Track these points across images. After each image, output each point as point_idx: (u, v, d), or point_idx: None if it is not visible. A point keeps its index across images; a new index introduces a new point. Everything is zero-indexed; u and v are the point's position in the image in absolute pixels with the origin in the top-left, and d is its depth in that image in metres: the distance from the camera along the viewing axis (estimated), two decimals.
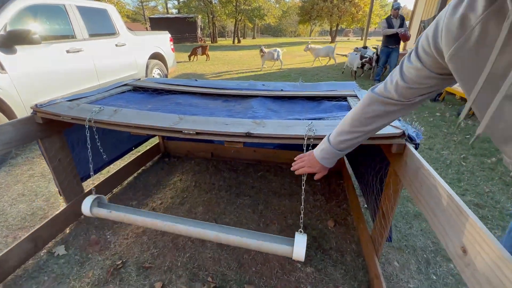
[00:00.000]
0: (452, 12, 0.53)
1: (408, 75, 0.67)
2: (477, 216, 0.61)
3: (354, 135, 0.85)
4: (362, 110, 0.81)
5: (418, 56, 0.63)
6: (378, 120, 0.80)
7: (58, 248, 1.52)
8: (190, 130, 1.17)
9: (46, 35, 2.88)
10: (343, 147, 0.89)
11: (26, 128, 1.36)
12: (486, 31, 0.48)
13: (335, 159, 0.95)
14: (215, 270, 1.41)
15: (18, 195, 2.04)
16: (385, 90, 0.75)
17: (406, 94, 0.70)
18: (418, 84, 0.66)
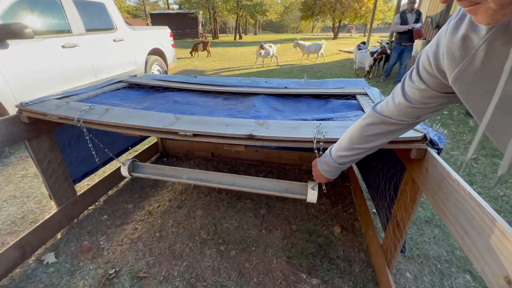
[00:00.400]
0: (452, 32, 0.50)
1: (411, 95, 0.64)
2: None
3: (353, 152, 0.83)
4: (362, 128, 0.79)
5: (420, 76, 0.60)
6: (379, 138, 0.78)
7: (48, 255, 1.43)
8: (186, 132, 1.07)
9: (40, 29, 2.77)
10: (343, 162, 0.89)
11: (11, 128, 1.27)
12: (492, 52, 0.45)
13: (337, 171, 0.95)
14: (214, 280, 1.32)
15: (9, 196, 1.95)
16: (387, 110, 0.72)
17: (412, 113, 0.67)
18: (423, 104, 0.64)
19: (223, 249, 1.50)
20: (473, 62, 0.48)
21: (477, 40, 0.46)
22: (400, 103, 0.67)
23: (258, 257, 1.44)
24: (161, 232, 1.61)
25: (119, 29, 3.89)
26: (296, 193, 1.29)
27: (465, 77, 0.50)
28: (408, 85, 0.64)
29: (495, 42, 0.44)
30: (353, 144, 0.82)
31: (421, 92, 0.62)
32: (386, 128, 0.74)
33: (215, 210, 1.81)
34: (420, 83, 0.61)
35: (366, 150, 0.82)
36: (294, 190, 1.31)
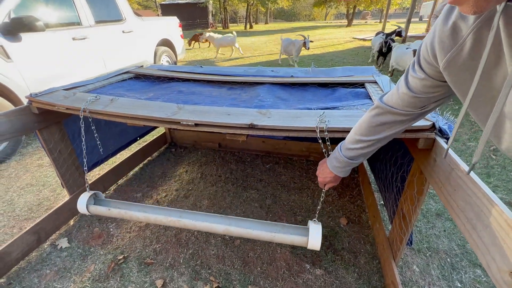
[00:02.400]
0: (443, 20, 0.51)
1: (413, 85, 0.63)
2: None
3: (362, 144, 0.80)
4: (369, 119, 0.77)
5: (420, 65, 0.60)
6: (387, 130, 0.75)
7: (62, 240, 1.50)
8: (188, 121, 1.07)
9: (51, 22, 2.82)
10: (352, 156, 0.84)
11: (22, 119, 1.31)
12: (479, 41, 0.46)
13: (347, 168, 0.89)
14: (218, 268, 1.34)
15: (26, 185, 2.04)
16: (393, 101, 0.71)
17: (415, 103, 0.66)
18: (426, 93, 0.63)
19: (228, 238, 1.52)
20: (462, 51, 0.49)
21: (466, 29, 0.47)
22: (404, 93, 0.66)
23: (262, 247, 1.45)
24: None
25: (128, 20, 3.90)
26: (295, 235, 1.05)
27: (454, 65, 0.51)
28: (411, 75, 0.64)
29: (482, 31, 0.45)
30: (361, 136, 0.79)
31: (422, 82, 0.61)
32: (393, 118, 0.72)
33: (221, 200, 1.83)
34: (421, 73, 0.60)
35: (374, 142, 0.78)
36: (292, 232, 1.07)
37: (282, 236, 1.05)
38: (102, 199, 1.31)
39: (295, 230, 1.07)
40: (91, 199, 1.27)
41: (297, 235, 1.04)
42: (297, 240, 1.04)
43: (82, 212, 1.26)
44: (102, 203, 1.28)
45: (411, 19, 8.39)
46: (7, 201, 1.85)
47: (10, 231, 1.60)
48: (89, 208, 1.25)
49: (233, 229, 1.10)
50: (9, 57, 2.35)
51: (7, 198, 1.89)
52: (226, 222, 1.13)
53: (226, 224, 1.12)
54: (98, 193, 1.31)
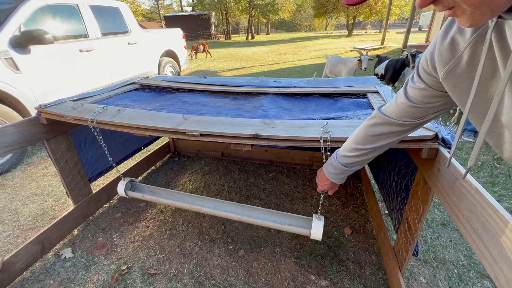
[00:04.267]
0: (443, 34, 0.54)
1: (413, 95, 0.65)
2: None
3: (357, 153, 0.81)
4: (366, 128, 0.78)
5: (420, 76, 0.62)
6: (382, 140, 0.76)
7: (65, 250, 1.50)
8: (194, 132, 1.09)
9: (59, 34, 2.90)
10: (348, 163, 0.85)
11: (31, 129, 1.33)
12: (475, 55, 0.48)
13: (343, 175, 0.90)
14: (222, 279, 1.33)
15: (31, 194, 2.06)
16: (390, 111, 0.72)
17: (413, 113, 0.67)
18: (424, 103, 0.64)
19: (231, 248, 1.51)
20: (459, 63, 0.51)
21: (463, 43, 0.49)
22: (403, 103, 0.68)
23: (267, 257, 1.44)
24: (171, 230, 1.64)
25: (133, 32, 4.00)
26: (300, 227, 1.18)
27: (453, 76, 0.53)
28: (410, 86, 0.66)
29: (478, 45, 0.47)
30: (356, 145, 0.81)
31: (421, 92, 0.63)
32: (389, 128, 0.73)
33: None
34: (420, 83, 0.62)
35: (369, 151, 0.79)
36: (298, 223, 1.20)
37: (288, 227, 1.18)
38: (137, 184, 1.49)
39: (300, 221, 1.20)
40: (128, 184, 1.43)
41: (301, 227, 1.17)
42: (301, 230, 1.16)
43: (121, 195, 1.43)
44: (138, 188, 1.48)
45: (411, 29, 8.53)
46: (12, 211, 1.86)
47: (14, 241, 1.60)
48: (127, 193, 1.43)
49: (245, 217, 1.26)
50: (18, 69, 2.42)
51: (12, 208, 1.90)
52: (239, 211, 1.29)
53: (239, 213, 1.28)
54: (133, 179, 1.48)
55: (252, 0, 23.83)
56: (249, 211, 1.29)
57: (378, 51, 10.59)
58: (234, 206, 1.32)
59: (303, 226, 1.16)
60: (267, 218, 1.24)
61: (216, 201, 1.36)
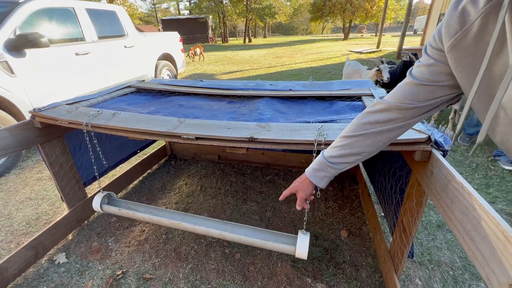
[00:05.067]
0: (454, 4, 0.51)
1: (419, 74, 0.61)
2: None
3: (345, 142, 0.74)
4: (360, 116, 0.72)
5: (427, 53, 0.59)
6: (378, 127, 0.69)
7: (59, 255, 1.48)
8: (189, 135, 1.09)
9: (55, 38, 2.89)
10: (332, 156, 0.76)
11: (25, 133, 1.32)
12: (485, 27, 0.46)
13: (323, 173, 0.80)
14: (218, 283, 1.32)
15: (25, 198, 2.04)
16: (391, 96, 0.67)
17: (418, 94, 0.62)
18: (432, 81, 0.59)
19: (228, 252, 1.50)
20: (467, 36, 0.49)
21: (474, 13, 0.47)
22: (406, 83, 0.63)
23: (263, 261, 1.44)
24: (167, 234, 1.63)
25: (130, 36, 4.00)
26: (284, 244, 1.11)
27: (458, 49, 0.51)
28: (416, 66, 0.62)
29: (491, 16, 0.44)
30: (345, 133, 0.73)
31: (429, 68, 0.59)
32: (387, 115, 0.66)
33: (220, 213, 1.82)
34: (428, 59, 0.59)
35: (357, 140, 0.71)
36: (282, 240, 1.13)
37: (272, 244, 1.12)
38: (114, 199, 1.41)
39: (284, 238, 1.13)
40: (105, 199, 1.38)
41: (285, 244, 1.11)
42: (285, 248, 1.10)
43: (96, 210, 1.39)
44: (114, 203, 1.41)
45: (406, 33, 8.63)
46: (5, 216, 1.84)
47: (7, 246, 1.58)
48: (102, 207, 1.36)
49: (228, 234, 1.19)
50: (13, 72, 2.40)
51: (5, 213, 1.87)
52: (222, 228, 1.22)
53: (222, 230, 1.21)
54: (111, 193, 1.42)
55: (249, 4, 23.99)
56: (232, 228, 1.22)
57: (374, 54, 10.70)
58: (215, 222, 1.26)
59: (288, 243, 1.10)
60: (251, 235, 1.17)
61: (197, 218, 1.30)
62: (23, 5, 2.60)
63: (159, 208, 1.38)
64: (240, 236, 1.18)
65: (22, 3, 2.61)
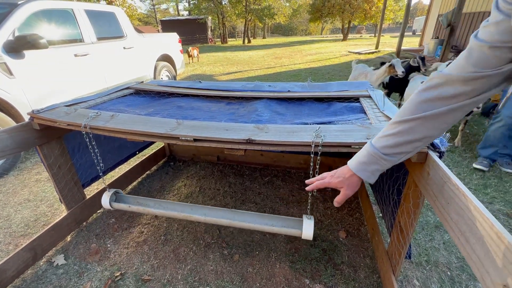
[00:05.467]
0: None
1: (486, 34, 0.51)
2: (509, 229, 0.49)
3: (402, 127, 0.62)
4: (418, 96, 0.61)
5: (498, 8, 0.49)
6: (442, 104, 0.58)
7: (58, 257, 1.48)
8: (187, 137, 1.09)
9: (54, 39, 2.89)
10: (387, 146, 0.65)
11: (23, 135, 1.33)
12: None
13: (375, 166, 0.69)
14: (217, 284, 1.32)
15: (24, 200, 2.03)
16: (452, 68, 0.57)
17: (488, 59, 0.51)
18: (502, 42, 0.49)
19: (226, 253, 1.50)
20: None
21: None
22: (472, 48, 0.54)
23: (261, 262, 1.44)
24: (166, 235, 1.63)
25: (129, 37, 4.01)
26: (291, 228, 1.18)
27: None
28: (482, 27, 0.53)
29: None
30: (401, 117, 0.62)
31: (499, 26, 0.49)
32: (451, 90, 0.56)
33: None
34: (498, 15, 0.49)
35: (417, 125, 0.60)
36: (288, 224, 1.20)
37: (279, 228, 1.20)
38: (122, 195, 1.45)
39: (290, 222, 1.20)
40: (113, 196, 1.40)
41: (292, 228, 1.17)
42: (292, 231, 1.17)
43: (106, 208, 1.39)
44: (123, 199, 1.44)
45: (405, 34, 8.66)
46: (3, 217, 1.84)
47: (5, 248, 1.58)
48: (112, 204, 1.39)
49: (237, 222, 1.26)
50: (11, 74, 2.40)
51: (4, 214, 1.87)
52: (231, 216, 1.28)
53: (231, 218, 1.27)
54: (118, 190, 1.44)
55: (249, 5, 24.03)
56: (240, 216, 1.29)
57: (373, 55, 10.73)
58: (224, 211, 1.32)
59: (294, 227, 1.17)
60: (258, 221, 1.24)
61: (206, 208, 1.35)
62: (22, 6, 2.60)
63: (169, 202, 1.41)
64: (249, 223, 1.23)
65: (21, 5, 2.62)
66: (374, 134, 0.93)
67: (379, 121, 1.10)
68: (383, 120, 1.10)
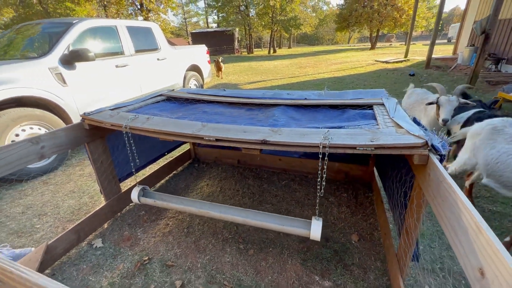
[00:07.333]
0: None
1: None
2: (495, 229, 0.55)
3: None
4: None
5: None
6: None
7: (97, 240, 1.70)
8: (210, 137, 1.24)
9: (100, 52, 3.29)
10: None
11: (75, 133, 1.58)
12: None
13: None
14: (232, 274, 1.44)
15: (69, 191, 2.33)
16: None
17: None
18: None
19: (242, 247, 1.62)
20: None
21: None
22: None
23: (274, 257, 1.53)
24: (188, 228, 1.79)
25: (163, 49, 4.38)
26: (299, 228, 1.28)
27: None
28: None
29: None
30: None
31: None
32: None
33: None
34: None
35: None
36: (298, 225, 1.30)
37: (289, 228, 1.28)
38: (149, 192, 1.65)
39: (300, 223, 1.30)
40: (141, 192, 1.61)
41: (301, 228, 1.27)
42: (301, 231, 1.26)
43: (134, 202, 1.60)
44: (150, 195, 1.65)
45: (439, 41, 8.34)
46: (53, 205, 2.13)
47: (55, 230, 1.84)
48: (140, 199, 1.59)
49: (250, 220, 1.38)
50: (65, 82, 2.78)
51: (54, 202, 2.17)
52: (245, 215, 1.41)
53: (245, 217, 1.40)
54: (146, 187, 1.65)
55: (275, 16, 24.56)
56: (254, 215, 1.40)
57: (401, 64, 10.41)
58: (239, 210, 1.44)
59: (303, 227, 1.26)
60: (270, 221, 1.34)
61: (222, 206, 1.49)
62: (76, 25, 3.02)
63: (189, 199, 1.59)
64: (262, 222, 1.34)
65: (75, 23, 3.04)
66: (379, 137, 1.01)
67: (386, 126, 1.17)
68: (391, 126, 1.17)
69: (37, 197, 2.26)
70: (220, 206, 1.50)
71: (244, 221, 1.39)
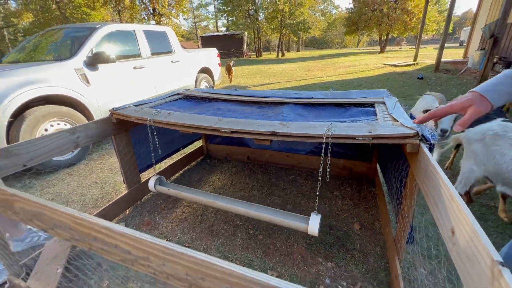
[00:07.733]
0: None
1: None
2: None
3: None
4: None
5: None
6: None
7: (120, 224, 1.87)
8: (226, 129, 1.40)
9: (119, 55, 3.52)
10: None
11: (104, 126, 1.76)
12: None
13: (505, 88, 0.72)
14: (243, 255, 1.58)
15: (92, 182, 2.53)
16: None
17: None
18: None
19: (252, 233, 1.76)
20: None
21: None
22: None
23: (281, 242, 1.67)
24: (202, 215, 1.95)
25: (176, 52, 4.61)
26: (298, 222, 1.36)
27: None
28: None
29: None
30: None
31: None
32: None
33: None
34: None
35: None
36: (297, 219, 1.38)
37: (289, 222, 1.38)
38: (164, 182, 1.84)
39: (299, 218, 1.39)
40: (157, 181, 1.79)
41: (300, 222, 1.36)
42: (299, 225, 1.35)
43: (151, 190, 1.78)
44: (164, 184, 1.83)
45: (451, 45, 8.33)
46: (79, 194, 2.33)
47: None
48: (156, 187, 1.77)
49: (252, 212, 1.49)
50: (88, 82, 3.01)
51: (79, 192, 2.36)
52: (248, 207, 1.50)
53: (247, 208, 1.50)
54: (161, 177, 1.83)
55: (284, 20, 24.82)
56: (256, 208, 1.51)
57: (410, 67, 10.40)
58: (242, 203, 1.56)
59: (302, 222, 1.36)
60: (271, 214, 1.45)
61: (227, 199, 1.61)
62: (99, 29, 3.26)
63: (198, 190, 1.73)
64: (264, 215, 1.46)
65: (98, 28, 3.28)
66: (376, 129, 1.15)
67: (384, 120, 1.30)
68: (388, 120, 1.30)
69: (63, 186, 2.46)
70: (225, 199, 1.62)
71: (247, 212, 1.50)
